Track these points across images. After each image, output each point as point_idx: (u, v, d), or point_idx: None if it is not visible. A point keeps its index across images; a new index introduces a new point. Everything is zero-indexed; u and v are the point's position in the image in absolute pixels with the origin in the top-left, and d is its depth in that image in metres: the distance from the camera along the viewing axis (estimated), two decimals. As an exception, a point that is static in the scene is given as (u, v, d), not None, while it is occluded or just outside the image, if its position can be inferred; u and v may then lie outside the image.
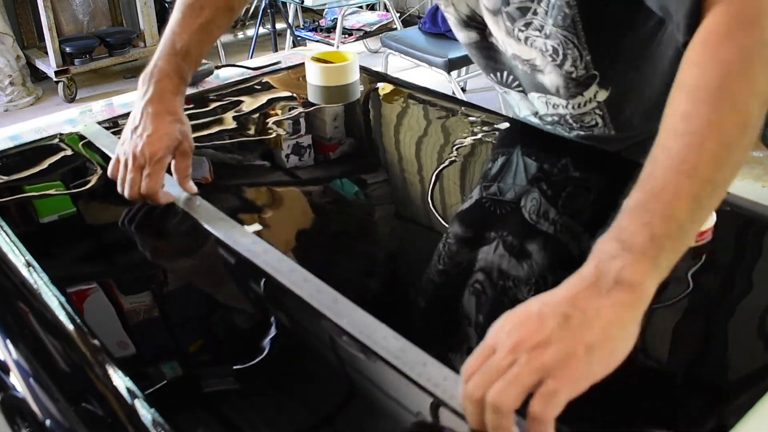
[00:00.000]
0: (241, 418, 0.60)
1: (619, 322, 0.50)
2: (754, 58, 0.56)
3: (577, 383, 0.48)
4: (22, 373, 0.64)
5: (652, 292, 0.51)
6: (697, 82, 0.56)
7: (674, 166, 0.53)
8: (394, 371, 0.60)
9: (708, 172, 0.53)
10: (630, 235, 0.52)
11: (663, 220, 0.52)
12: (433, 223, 0.89)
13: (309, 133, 1.13)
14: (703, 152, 0.53)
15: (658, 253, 0.51)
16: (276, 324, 0.71)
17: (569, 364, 0.48)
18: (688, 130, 0.55)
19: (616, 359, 0.50)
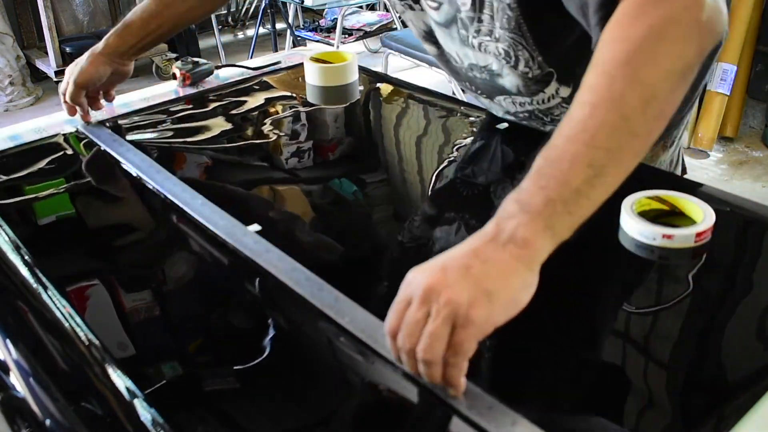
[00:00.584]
0: (241, 418, 0.60)
1: (516, 273, 0.54)
2: (662, 35, 0.58)
3: (481, 328, 0.53)
4: (22, 373, 0.64)
5: (544, 249, 0.56)
6: (605, 57, 0.59)
7: (573, 135, 0.57)
8: (395, 370, 0.59)
9: (605, 141, 0.56)
10: (528, 197, 0.56)
11: (558, 185, 0.56)
12: (435, 224, 0.89)
13: (308, 133, 1.13)
14: (601, 122, 0.57)
15: (552, 215, 0.55)
16: (277, 323, 0.71)
17: (473, 310, 0.52)
18: (591, 101, 0.58)
19: (516, 306, 0.54)
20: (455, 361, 0.53)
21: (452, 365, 0.53)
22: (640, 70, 0.57)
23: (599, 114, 0.57)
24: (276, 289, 0.72)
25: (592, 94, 0.58)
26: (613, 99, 0.57)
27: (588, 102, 0.58)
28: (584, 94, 0.59)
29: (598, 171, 0.56)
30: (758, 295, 0.70)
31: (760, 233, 0.80)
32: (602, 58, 0.60)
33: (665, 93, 0.58)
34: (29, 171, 1.01)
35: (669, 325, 0.66)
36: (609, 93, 0.58)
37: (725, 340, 0.65)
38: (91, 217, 0.94)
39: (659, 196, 0.78)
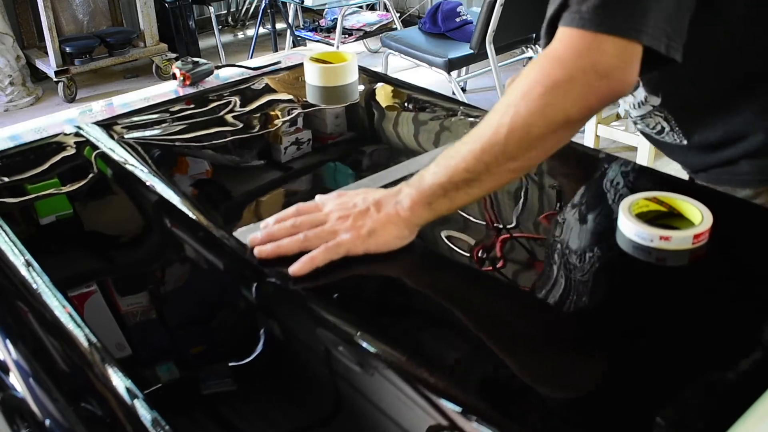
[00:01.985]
0: (240, 419, 0.60)
1: (395, 225, 0.75)
2: (555, 89, 0.69)
3: (353, 248, 0.73)
4: (22, 373, 0.65)
5: (422, 218, 0.75)
6: (513, 87, 0.72)
7: (467, 144, 0.73)
8: (394, 374, 0.60)
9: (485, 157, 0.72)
10: (422, 177, 0.75)
11: (444, 177, 0.73)
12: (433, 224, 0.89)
13: (308, 133, 1.13)
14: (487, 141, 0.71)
15: (432, 196, 0.74)
16: (276, 326, 0.72)
17: (354, 235, 0.74)
18: (487, 122, 0.72)
19: (386, 246, 0.74)
20: (323, 255, 0.72)
21: (313, 257, 0.72)
22: (527, 111, 0.70)
23: (488, 134, 0.71)
24: (274, 291, 0.72)
25: (491, 116, 0.72)
26: (500, 126, 0.71)
27: (486, 121, 0.72)
28: (490, 113, 0.73)
29: (475, 177, 0.72)
30: (758, 295, 0.70)
31: (758, 235, 0.80)
32: (512, 87, 0.72)
33: (541, 133, 0.70)
34: (29, 171, 1.01)
35: (667, 327, 0.66)
36: (499, 120, 0.71)
37: (724, 341, 0.65)
38: (91, 217, 0.94)
39: (657, 198, 0.78)
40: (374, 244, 0.74)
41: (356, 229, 0.74)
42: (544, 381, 0.61)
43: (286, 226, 0.77)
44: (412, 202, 0.74)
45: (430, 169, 0.75)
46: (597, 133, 2.82)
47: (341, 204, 0.78)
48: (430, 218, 0.75)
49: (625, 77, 0.70)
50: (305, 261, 0.72)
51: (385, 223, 0.74)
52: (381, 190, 0.78)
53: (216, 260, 0.80)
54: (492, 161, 0.71)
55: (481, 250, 0.82)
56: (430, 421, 0.57)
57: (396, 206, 0.75)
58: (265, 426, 0.61)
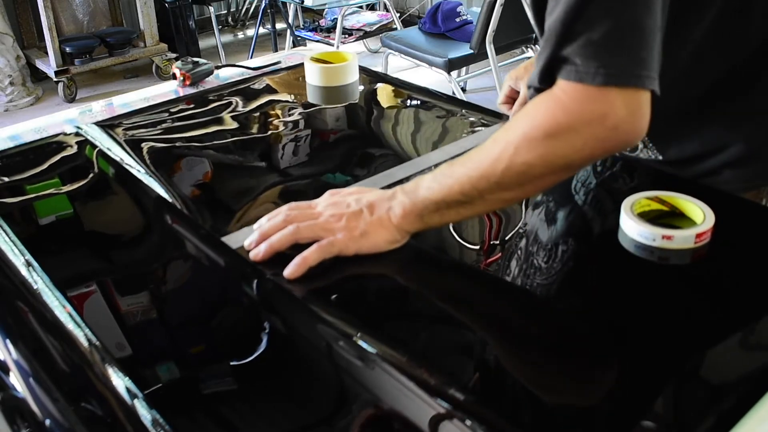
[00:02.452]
0: (240, 419, 0.60)
1: (387, 229, 0.76)
2: (557, 137, 0.68)
3: (345, 248, 0.74)
4: (22, 373, 0.64)
5: (412, 227, 0.76)
6: (515, 124, 0.71)
7: (466, 166, 0.73)
8: (393, 374, 0.60)
9: (480, 185, 0.72)
10: (418, 188, 0.76)
11: (438, 194, 0.74)
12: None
13: (309, 133, 1.13)
14: (485, 171, 0.71)
15: (425, 209, 0.75)
16: (276, 325, 0.72)
17: (347, 235, 0.75)
18: (488, 151, 0.72)
19: (376, 247, 0.75)
20: (315, 254, 0.73)
21: (306, 258, 0.72)
22: (527, 153, 0.69)
23: (485, 165, 0.71)
24: (274, 291, 0.72)
25: (491, 147, 0.72)
26: (498, 160, 0.70)
27: (486, 151, 0.72)
28: (490, 141, 0.73)
29: (468, 200, 0.73)
30: (758, 296, 0.70)
31: (759, 234, 0.80)
32: (514, 123, 0.72)
33: (540, 174, 0.70)
34: (29, 171, 1.01)
35: (669, 326, 0.66)
36: (499, 154, 0.70)
37: (725, 340, 0.65)
38: (91, 217, 0.94)
39: (659, 197, 0.78)
40: (366, 246, 0.75)
41: (349, 230, 0.75)
42: (544, 379, 0.61)
43: (277, 222, 0.77)
44: (405, 211, 0.75)
45: (425, 181, 0.76)
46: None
47: (334, 203, 0.78)
48: (421, 228, 0.76)
49: (636, 127, 0.67)
50: (298, 262, 0.72)
51: (377, 227, 0.75)
52: (374, 191, 0.79)
53: (216, 260, 0.80)
54: (486, 190, 0.72)
55: (482, 249, 0.82)
56: (430, 421, 0.56)
57: (389, 212, 0.76)
58: (265, 426, 0.60)
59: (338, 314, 0.67)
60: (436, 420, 0.56)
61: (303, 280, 0.74)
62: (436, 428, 0.56)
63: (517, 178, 0.70)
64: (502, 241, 0.82)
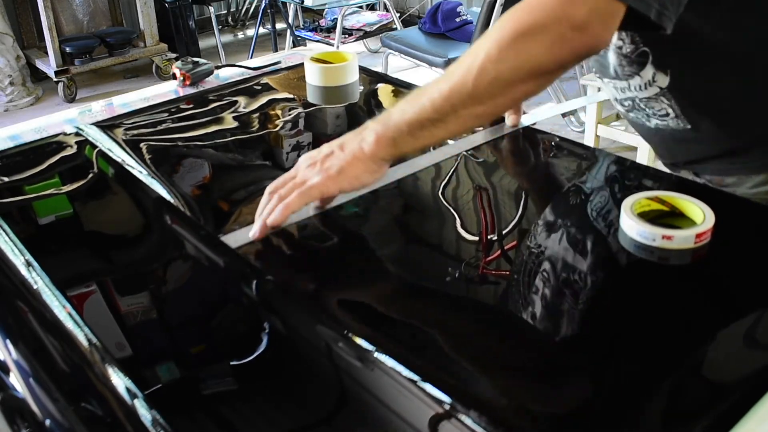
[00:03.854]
0: (240, 419, 0.60)
1: (361, 160, 0.76)
2: (525, 36, 0.70)
3: (326, 189, 0.75)
4: (22, 373, 0.64)
5: (387, 152, 0.76)
6: (485, 35, 0.72)
7: (437, 84, 0.74)
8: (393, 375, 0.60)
9: (452, 99, 0.72)
10: (390, 113, 0.76)
11: (411, 114, 0.74)
12: (434, 224, 0.89)
13: (309, 133, 1.13)
14: (456, 83, 0.72)
15: (398, 132, 0.75)
16: (275, 325, 0.72)
17: (323, 177, 0.75)
18: (459, 65, 0.73)
19: (358, 181, 0.77)
20: (296, 200, 0.74)
21: (289, 204, 0.74)
22: (497, 56, 0.70)
23: (457, 76, 0.72)
24: (274, 291, 0.72)
25: (463, 58, 0.73)
26: (470, 69, 0.71)
27: (458, 63, 0.73)
28: (463, 55, 0.74)
29: (441, 117, 0.73)
30: (758, 295, 0.70)
31: (760, 234, 0.80)
32: (486, 33, 0.73)
33: (510, 79, 0.71)
34: (29, 171, 1.01)
35: (668, 326, 0.66)
36: (470, 63, 0.71)
37: (725, 340, 0.65)
38: (91, 217, 0.94)
39: (659, 197, 0.78)
40: (346, 182, 0.76)
41: (325, 171, 0.76)
42: (544, 378, 0.61)
43: (265, 200, 0.78)
44: (377, 137, 0.75)
45: (398, 106, 0.76)
46: (597, 133, 2.82)
47: (309, 156, 0.80)
48: (395, 155, 0.77)
49: (601, 33, 0.70)
50: (280, 209, 0.74)
51: (351, 161, 0.76)
52: (348, 134, 0.79)
53: (216, 260, 0.80)
54: (459, 103, 0.72)
55: (482, 250, 0.82)
56: (429, 421, 0.56)
57: (361, 143, 0.76)
58: (265, 426, 0.60)
59: (338, 314, 0.67)
60: (436, 420, 0.56)
61: (303, 280, 0.75)
62: (436, 428, 0.56)
63: (488, 87, 0.71)
64: (501, 241, 0.82)
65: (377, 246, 0.84)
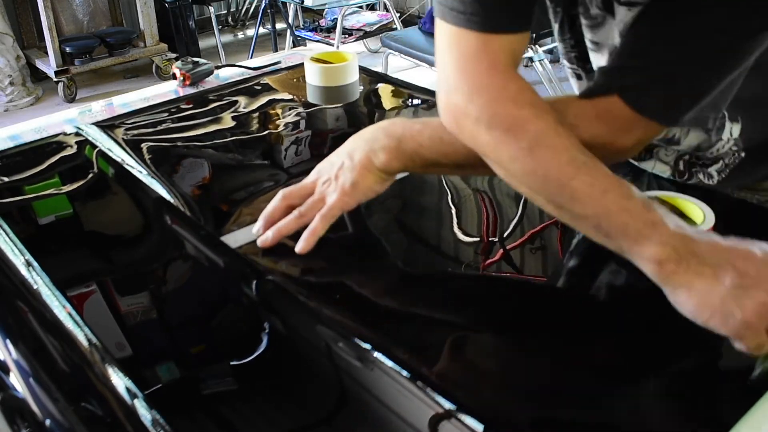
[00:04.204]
0: (240, 419, 0.60)
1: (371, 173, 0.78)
2: None
3: (345, 206, 0.77)
4: (22, 373, 0.64)
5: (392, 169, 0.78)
6: None
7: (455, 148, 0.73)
8: (393, 375, 0.60)
9: None
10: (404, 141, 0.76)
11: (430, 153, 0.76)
12: (433, 224, 0.89)
13: (309, 133, 1.13)
14: None
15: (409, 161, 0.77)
16: (275, 325, 0.72)
17: (340, 194, 0.77)
18: None
19: (372, 192, 0.78)
20: (320, 223, 0.76)
21: (315, 229, 0.76)
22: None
23: None
24: (274, 291, 0.72)
25: None
26: None
27: None
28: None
29: (463, 169, 0.81)
30: (758, 296, 0.70)
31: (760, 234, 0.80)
32: None
33: None
34: (29, 171, 1.01)
35: (668, 326, 0.66)
36: None
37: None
38: (91, 217, 0.94)
39: (659, 197, 0.78)
40: (362, 194, 0.78)
41: (340, 187, 0.77)
42: (544, 380, 0.61)
43: (278, 204, 0.78)
44: (389, 158, 0.76)
45: (414, 134, 0.76)
46: (597, 133, 2.81)
47: (322, 169, 0.80)
48: (403, 170, 0.79)
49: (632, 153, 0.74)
50: (307, 236, 0.75)
51: (363, 173, 0.77)
52: (354, 136, 0.81)
53: (216, 260, 0.80)
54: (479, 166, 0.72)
55: (482, 250, 0.82)
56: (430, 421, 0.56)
57: (370, 154, 0.77)
58: (265, 426, 0.60)
59: (338, 314, 0.67)
60: (436, 420, 0.56)
61: (303, 280, 0.75)
62: (436, 428, 0.56)
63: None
64: (502, 240, 0.82)
65: (377, 246, 0.84)
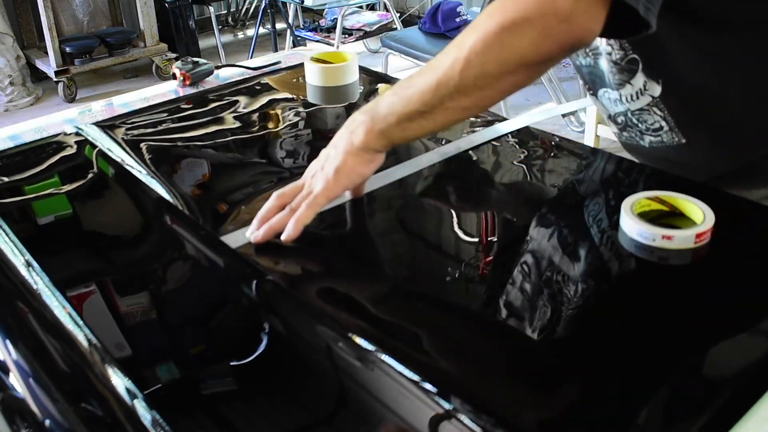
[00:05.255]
0: (240, 419, 0.60)
1: (355, 154, 0.78)
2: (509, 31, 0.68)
3: (330, 193, 0.78)
4: (22, 373, 0.64)
5: (377, 144, 0.78)
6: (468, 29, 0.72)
7: (424, 77, 0.74)
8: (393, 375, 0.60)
9: (439, 92, 0.73)
10: (377, 105, 0.78)
11: (399, 107, 0.75)
12: (433, 224, 0.89)
13: (309, 133, 1.13)
14: (442, 76, 0.72)
15: (387, 124, 0.76)
16: (275, 325, 0.72)
17: (324, 183, 0.78)
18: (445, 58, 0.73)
19: (358, 174, 0.79)
20: (305, 213, 0.76)
21: (299, 219, 0.76)
22: (483, 49, 0.70)
23: (443, 69, 0.72)
24: (274, 291, 0.72)
25: (450, 49, 0.72)
26: (455, 62, 0.71)
27: (444, 54, 0.73)
28: (449, 46, 0.73)
29: (429, 110, 0.74)
30: (758, 296, 0.70)
31: (760, 234, 0.80)
32: (471, 25, 0.72)
33: (496, 72, 0.71)
34: (29, 171, 1.01)
35: (668, 326, 0.66)
36: (456, 55, 0.71)
37: (725, 340, 0.65)
38: (91, 217, 0.94)
39: (659, 197, 0.78)
40: (346, 178, 0.78)
41: (324, 177, 0.78)
42: (543, 379, 0.61)
43: (272, 204, 0.79)
44: (366, 130, 0.77)
45: (386, 97, 0.77)
46: (597, 133, 2.82)
47: (312, 166, 0.82)
48: (387, 145, 0.79)
49: (588, 24, 0.68)
50: (292, 224, 0.75)
51: (345, 158, 0.78)
52: (340, 131, 0.81)
53: (216, 260, 0.80)
54: (446, 96, 0.72)
55: (482, 250, 0.82)
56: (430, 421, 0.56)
57: (351, 137, 0.78)
58: (265, 426, 0.60)
59: (338, 314, 0.67)
60: (436, 420, 0.56)
61: (303, 280, 0.75)
62: (436, 428, 0.56)
63: (474, 79, 0.71)
64: (501, 240, 0.82)
65: (377, 246, 0.84)
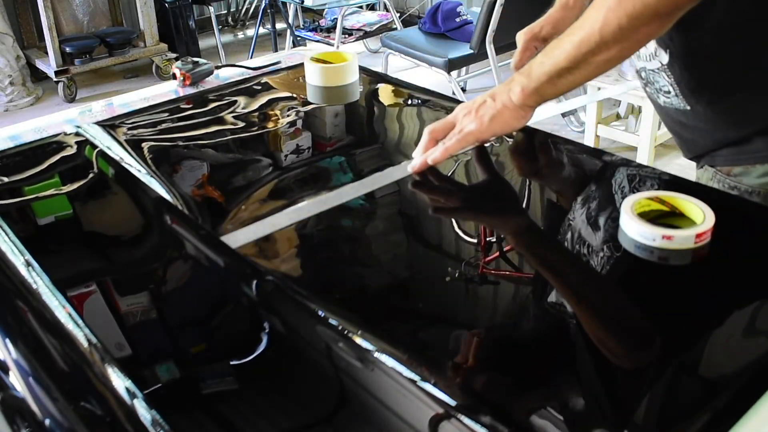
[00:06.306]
0: (240, 419, 0.60)
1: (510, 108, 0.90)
2: None
3: (480, 134, 0.91)
4: (22, 373, 0.64)
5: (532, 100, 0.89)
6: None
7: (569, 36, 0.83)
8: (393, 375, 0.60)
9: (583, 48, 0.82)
10: (533, 66, 0.88)
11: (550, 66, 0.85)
12: (433, 224, 0.89)
13: (308, 133, 1.13)
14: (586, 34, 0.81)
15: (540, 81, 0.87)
16: (275, 325, 0.72)
17: (478, 123, 0.90)
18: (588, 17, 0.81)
19: (507, 126, 0.91)
20: (454, 145, 0.90)
21: (447, 148, 0.90)
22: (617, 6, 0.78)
23: (585, 28, 0.81)
24: (274, 291, 0.72)
25: (589, 12, 0.81)
26: (595, 21, 0.80)
27: (585, 16, 0.82)
28: (588, 9, 0.82)
29: (575, 66, 0.84)
30: (758, 295, 0.70)
31: (760, 234, 0.80)
32: None
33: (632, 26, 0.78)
34: (29, 171, 1.01)
35: (668, 326, 0.66)
36: (594, 17, 0.80)
37: (725, 340, 0.65)
38: (91, 217, 0.94)
39: (659, 197, 0.78)
40: (497, 127, 0.90)
41: (479, 119, 0.90)
42: (543, 378, 0.61)
43: (426, 139, 0.92)
44: (522, 89, 0.88)
45: (537, 59, 0.87)
46: (597, 133, 2.82)
47: (465, 106, 0.93)
48: (539, 101, 0.90)
49: None
50: (440, 150, 0.89)
51: (502, 110, 0.90)
52: (498, 87, 0.92)
53: (216, 260, 0.80)
54: (589, 53, 0.81)
55: (484, 249, 0.82)
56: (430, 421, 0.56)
57: (509, 93, 0.89)
58: (265, 426, 0.60)
59: (338, 314, 0.67)
60: (436, 420, 0.56)
61: (303, 280, 0.74)
62: (436, 428, 0.56)
63: (613, 34, 0.79)
64: (501, 241, 0.82)
65: (377, 246, 0.84)
